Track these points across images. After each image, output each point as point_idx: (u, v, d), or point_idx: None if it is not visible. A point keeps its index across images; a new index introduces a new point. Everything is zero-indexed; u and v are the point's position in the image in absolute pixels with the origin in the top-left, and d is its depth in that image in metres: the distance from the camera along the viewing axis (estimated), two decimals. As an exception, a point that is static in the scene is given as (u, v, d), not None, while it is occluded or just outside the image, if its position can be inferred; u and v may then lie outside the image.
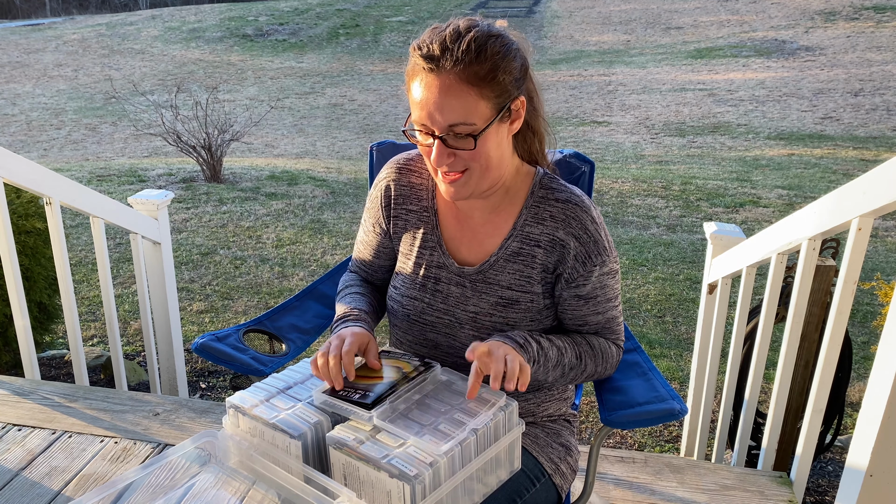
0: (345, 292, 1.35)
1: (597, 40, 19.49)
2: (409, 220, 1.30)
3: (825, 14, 19.33)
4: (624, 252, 4.93)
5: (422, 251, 1.27)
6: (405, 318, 1.28)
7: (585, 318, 1.24)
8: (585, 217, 1.20)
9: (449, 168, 1.13)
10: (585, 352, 1.23)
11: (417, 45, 1.10)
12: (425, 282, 1.26)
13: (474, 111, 1.08)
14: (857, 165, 8.22)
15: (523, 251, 1.21)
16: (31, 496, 1.67)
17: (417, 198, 1.29)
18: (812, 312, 1.86)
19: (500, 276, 1.22)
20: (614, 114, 12.32)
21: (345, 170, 7.93)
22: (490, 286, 1.22)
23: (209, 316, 3.83)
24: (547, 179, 1.24)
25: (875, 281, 2.66)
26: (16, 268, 2.14)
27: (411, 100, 1.13)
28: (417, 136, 1.14)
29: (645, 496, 1.77)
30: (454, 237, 1.27)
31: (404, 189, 1.30)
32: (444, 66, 1.06)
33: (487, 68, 1.07)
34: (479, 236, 1.25)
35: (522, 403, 1.26)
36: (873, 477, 1.34)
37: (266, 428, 1.05)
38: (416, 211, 1.29)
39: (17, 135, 11.59)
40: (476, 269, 1.23)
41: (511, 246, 1.22)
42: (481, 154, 1.12)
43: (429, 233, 1.27)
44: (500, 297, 1.21)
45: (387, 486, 0.95)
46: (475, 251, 1.25)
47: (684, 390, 3.08)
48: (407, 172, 1.31)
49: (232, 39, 20.76)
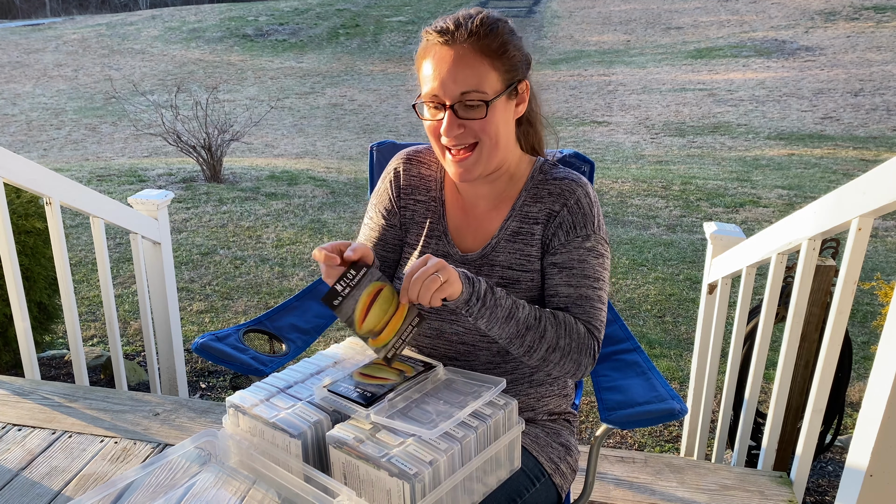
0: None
1: (597, 40, 19.48)
2: (416, 211, 1.32)
3: (825, 14, 19.32)
4: (624, 252, 4.92)
5: (427, 240, 1.29)
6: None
7: (557, 288, 1.20)
8: (580, 191, 1.22)
9: (458, 141, 1.15)
10: (547, 317, 1.16)
11: (430, 27, 1.16)
12: None
13: (485, 80, 1.12)
14: (857, 165, 8.22)
15: (523, 230, 1.23)
16: (31, 496, 1.67)
17: (426, 188, 1.32)
18: (812, 312, 1.86)
19: (501, 256, 1.24)
20: (614, 114, 12.32)
21: (345, 170, 7.93)
22: (492, 268, 1.24)
23: (209, 316, 3.83)
24: (547, 166, 1.27)
25: (875, 281, 2.66)
26: (16, 268, 2.13)
27: (422, 77, 1.16)
28: (426, 112, 1.17)
29: (645, 496, 1.77)
30: (459, 227, 1.29)
31: (413, 179, 1.32)
32: (458, 39, 1.12)
33: (499, 42, 1.13)
34: (483, 224, 1.27)
35: (522, 398, 1.26)
36: (873, 477, 1.34)
37: (266, 427, 1.05)
38: (423, 201, 1.31)
39: (17, 135, 11.59)
40: (479, 253, 1.25)
41: (510, 226, 1.24)
42: (490, 125, 1.14)
43: (435, 222, 1.29)
44: (501, 276, 1.23)
45: (386, 484, 0.95)
46: (479, 239, 1.27)
47: (684, 390, 3.08)
48: (416, 163, 1.33)
49: (232, 39, 20.75)
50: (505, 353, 1.23)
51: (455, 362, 1.25)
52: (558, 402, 1.33)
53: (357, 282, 1.08)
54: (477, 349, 1.24)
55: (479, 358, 1.24)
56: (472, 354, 1.24)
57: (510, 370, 1.24)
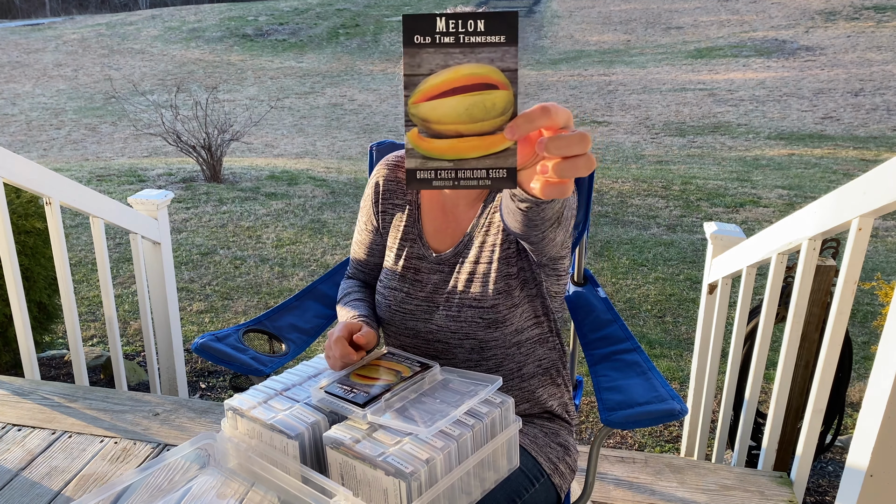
0: (345, 300, 1.36)
1: (597, 40, 19.48)
2: (394, 215, 1.33)
3: (825, 14, 19.32)
4: (624, 252, 4.92)
5: (403, 243, 1.30)
6: (387, 308, 1.30)
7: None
8: None
9: None
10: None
11: None
12: (405, 272, 1.29)
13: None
14: (857, 165, 8.21)
15: (489, 221, 1.24)
16: (30, 496, 1.67)
17: (403, 192, 1.32)
18: (812, 312, 1.86)
19: (471, 252, 1.24)
20: (614, 114, 12.32)
21: (345, 170, 7.93)
22: (463, 264, 1.25)
23: (209, 316, 3.83)
24: None
25: (875, 281, 2.66)
26: (16, 268, 2.13)
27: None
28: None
29: (645, 496, 1.77)
30: (438, 229, 1.29)
31: (391, 184, 1.33)
32: None
33: None
34: (461, 223, 1.28)
35: (515, 393, 1.27)
36: (873, 477, 1.34)
37: (264, 429, 1.05)
38: (400, 205, 1.32)
39: (17, 135, 11.59)
40: (451, 251, 1.26)
41: (480, 221, 1.25)
42: None
43: (410, 226, 1.30)
44: (469, 272, 1.23)
45: (383, 483, 0.95)
46: (455, 238, 1.28)
47: (684, 390, 3.08)
48: (396, 168, 1.34)
49: (232, 39, 20.76)
50: (482, 349, 1.24)
51: (435, 360, 1.26)
52: (553, 392, 1.33)
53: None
54: (452, 346, 1.24)
55: (458, 356, 1.25)
56: (450, 352, 1.25)
57: (494, 367, 1.25)
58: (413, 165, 0.69)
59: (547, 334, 1.29)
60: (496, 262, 1.22)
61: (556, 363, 1.33)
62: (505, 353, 1.24)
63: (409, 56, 0.67)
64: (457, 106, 0.67)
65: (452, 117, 0.68)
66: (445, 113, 0.68)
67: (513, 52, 0.67)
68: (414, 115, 0.68)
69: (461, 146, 0.68)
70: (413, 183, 0.70)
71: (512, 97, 0.67)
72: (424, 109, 0.68)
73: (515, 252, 1.22)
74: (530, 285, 1.25)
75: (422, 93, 0.68)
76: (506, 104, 0.67)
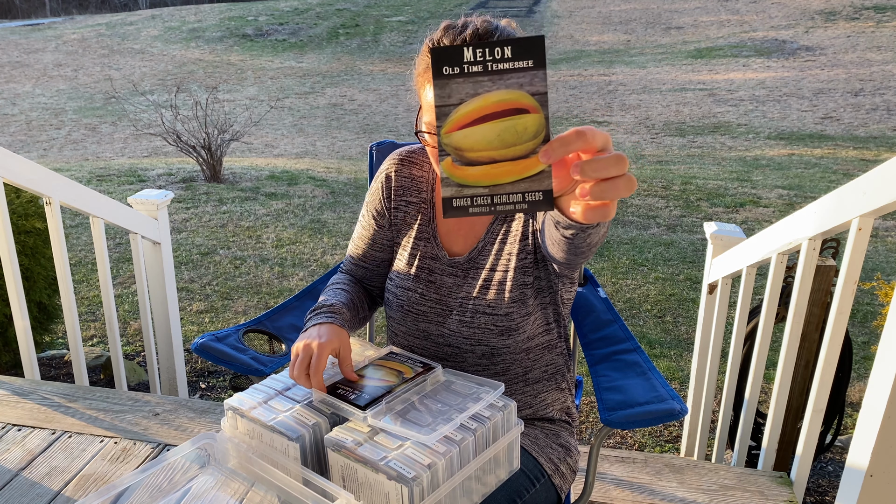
0: (328, 289, 1.33)
1: (597, 40, 19.48)
2: (407, 212, 1.31)
3: (825, 14, 19.32)
4: (624, 252, 4.92)
5: (417, 242, 1.29)
6: (399, 308, 1.29)
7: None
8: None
9: None
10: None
11: (433, 45, 1.10)
12: (419, 272, 1.27)
13: None
14: (857, 165, 8.21)
15: (506, 229, 1.23)
16: (30, 496, 1.67)
17: (417, 189, 1.31)
18: (812, 312, 1.86)
19: (486, 259, 1.24)
20: (614, 114, 12.32)
21: (345, 170, 7.93)
22: (478, 271, 1.24)
23: (209, 316, 3.83)
24: None
25: (875, 281, 2.66)
26: (16, 268, 2.13)
27: (424, 103, 1.14)
28: (428, 138, 1.16)
29: (645, 496, 1.77)
30: (451, 230, 1.28)
31: (405, 180, 1.32)
32: None
33: None
34: (475, 228, 1.27)
35: (519, 397, 1.26)
36: (873, 477, 1.34)
37: (264, 430, 1.05)
38: (414, 203, 1.31)
39: (17, 135, 11.59)
40: (466, 256, 1.25)
41: (495, 229, 1.24)
42: None
43: (425, 225, 1.29)
44: (484, 279, 1.23)
45: (385, 487, 0.95)
46: (469, 242, 1.27)
47: (684, 390, 3.07)
48: (408, 164, 1.33)
49: (232, 39, 20.75)
50: (492, 354, 1.23)
51: (443, 364, 1.25)
52: (557, 397, 1.32)
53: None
54: (463, 351, 1.24)
55: (467, 360, 1.24)
56: (460, 356, 1.24)
57: (501, 371, 1.24)
58: (449, 194, 0.70)
59: (556, 340, 1.29)
60: (512, 270, 1.21)
61: (562, 368, 1.33)
62: (514, 359, 1.24)
63: (439, 87, 0.68)
64: (488, 133, 0.68)
65: (484, 144, 0.69)
66: (478, 140, 0.69)
67: (541, 75, 0.67)
68: (447, 145, 0.70)
69: (495, 172, 0.69)
70: (450, 211, 0.71)
71: (543, 120, 0.68)
72: (457, 138, 0.69)
73: (532, 262, 1.22)
74: (545, 293, 1.25)
75: (453, 122, 0.69)
76: (537, 127, 0.68)
